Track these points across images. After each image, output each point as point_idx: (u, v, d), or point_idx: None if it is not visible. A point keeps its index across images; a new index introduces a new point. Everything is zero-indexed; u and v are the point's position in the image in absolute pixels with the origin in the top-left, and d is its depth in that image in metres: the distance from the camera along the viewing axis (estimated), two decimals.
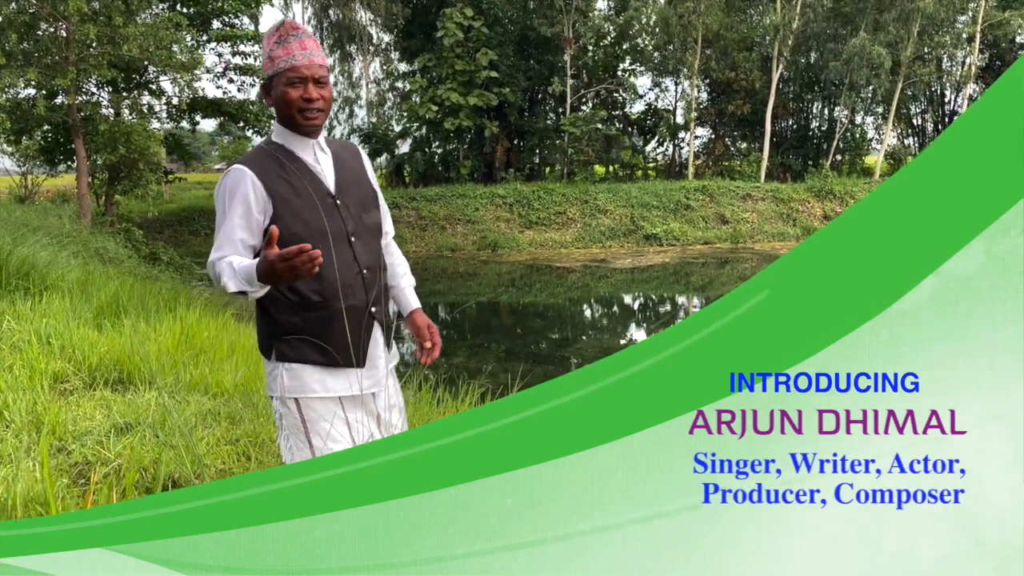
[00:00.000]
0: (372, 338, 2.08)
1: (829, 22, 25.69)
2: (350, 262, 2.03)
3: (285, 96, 1.96)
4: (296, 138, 2.03)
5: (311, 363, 2.01)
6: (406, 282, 2.29)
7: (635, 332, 13.77)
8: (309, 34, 2.03)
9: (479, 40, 24.20)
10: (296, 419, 2.02)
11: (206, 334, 4.82)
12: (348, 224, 2.04)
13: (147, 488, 2.70)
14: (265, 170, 1.98)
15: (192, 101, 18.84)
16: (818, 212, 24.06)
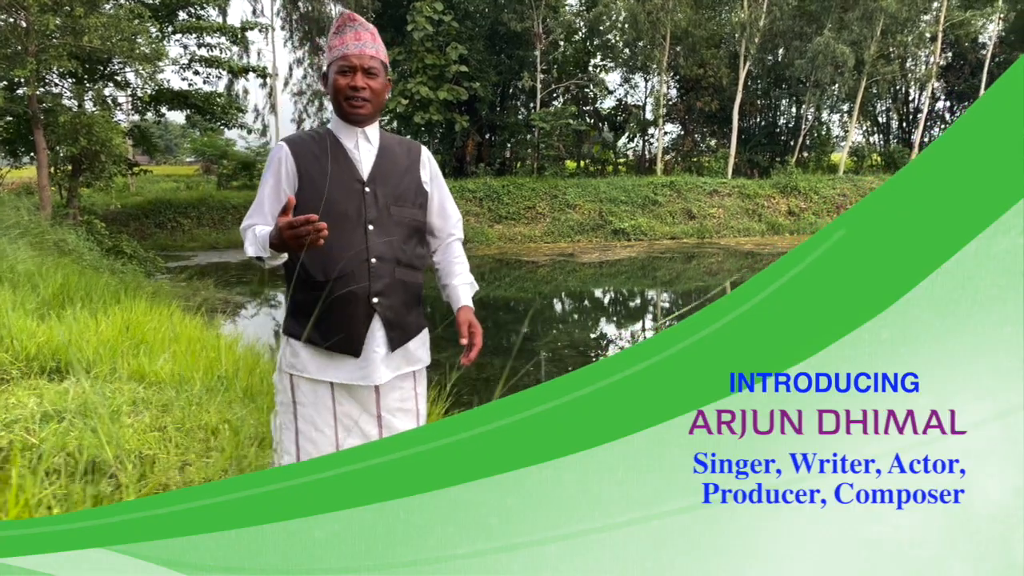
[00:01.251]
0: (370, 330, 2.07)
1: (795, 20, 26.04)
2: (360, 248, 2.04)
3: (335, 83, 2.03)
4: (343, 125, 2.08)
5: (309, 342, 2.05)
6: (460, 280, 2.27)
7: (605, 326, 13.91)
8: (367, 26, 2.08)
9: (449, 34, 24.20)
10: (288, 397, 2.08)
11: (150, 325, 4.87)
12: (369, 211, 2.06)
13: (70, 473, 2.78)
14: (302, 147, 2.06)
15: (157, 93, 18.70)
16: (783, 208, 24.40)
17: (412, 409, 2.19)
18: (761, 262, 19.18)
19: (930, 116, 31.48)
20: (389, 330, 2.09)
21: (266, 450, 3.06)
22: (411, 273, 2.15)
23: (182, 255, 20.52)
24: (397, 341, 2.12)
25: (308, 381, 2.06)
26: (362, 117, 2.06)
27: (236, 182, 26.90)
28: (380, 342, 2.08)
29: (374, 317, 2.07)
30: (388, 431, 2.11)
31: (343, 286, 2.02)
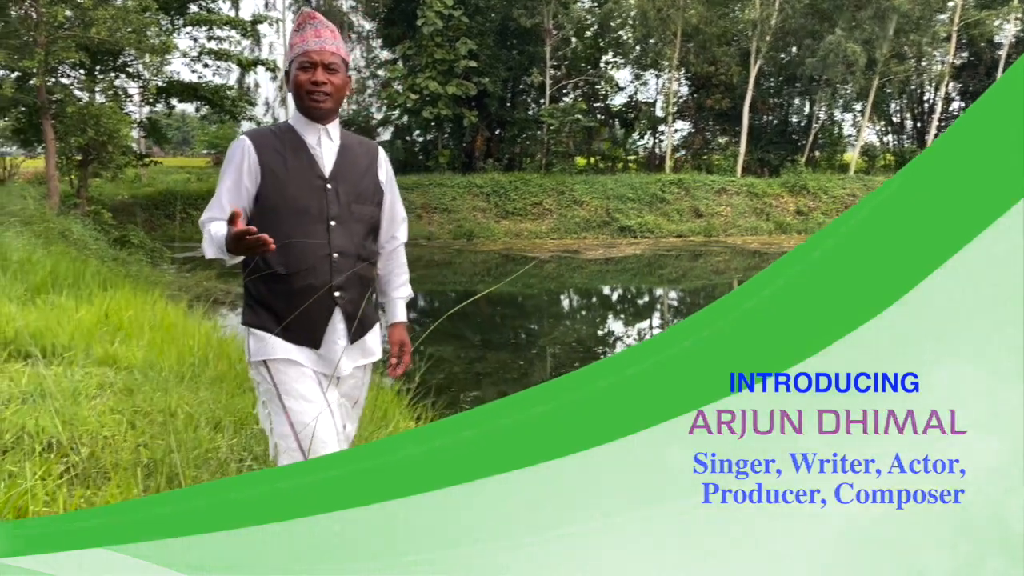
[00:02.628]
0: (331, 322, 2.11)
1: (807, 18, 25.87)
2: (322, 243, 2.07)
3: (296, 79, 2.06)
4: (305, 122, 2.11)
5: (270, 332, 2.08)
6: (398, 293, 2.36)
7: (611, 323, 13.91)
8: (326, 24, 2.11)
9: (459, 29, 24.24)
10: (269, 384, 2.08)
11: (130, 312, 4.96)
12: (331, 208, 2.09)
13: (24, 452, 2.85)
14: (264, 142, 2.09)
15: (167, 85, 18.88)
16: (791, 207, 24.28)
17: (357, 397, 2.27)
18: (767, 261, 19.05)
19: (944, 116, 31.20)
20: (349, 323, 2.14)
21: (220, 433, 3.14)
22: (368, 268, 2.22)
23: (190, 246, 20.70)
24: (357, 334, 2.17)
25: (283, 361, 2.09)
26: (323, 112, 2.08)
27: None
28: (341, 334, 2.13)
29: (335, 310, 2.11)
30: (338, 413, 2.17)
31: (304, 279, 2.06)
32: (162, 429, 3.09)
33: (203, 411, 3.26)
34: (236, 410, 3.41)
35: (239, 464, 2.89)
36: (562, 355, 9.74)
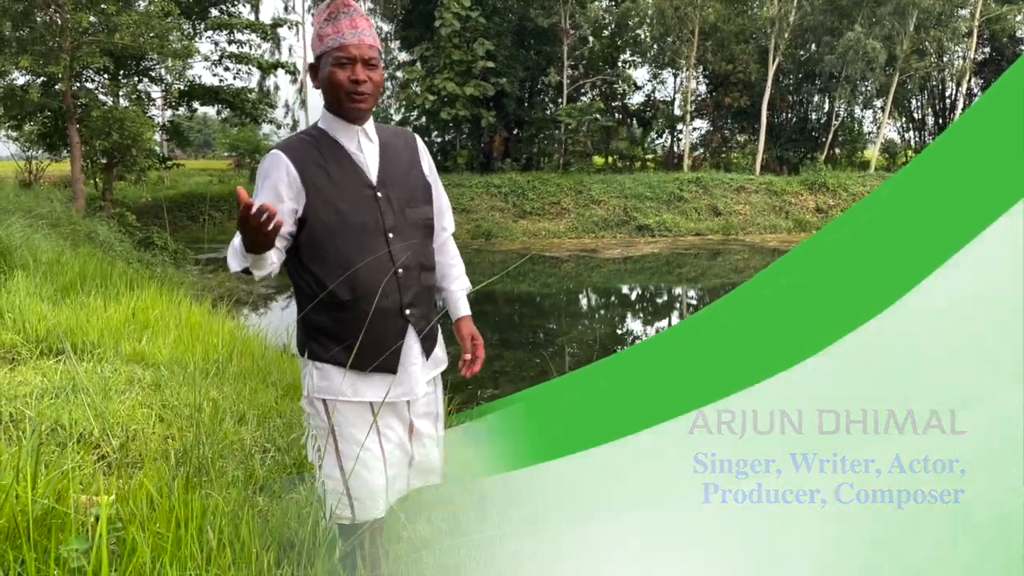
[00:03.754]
0: (405, 343, 1.94)
1: (826, 15, 25.71)
2: (385, 260, 1.88)
3: (332, 77, 1.83)
4: (341, 124, 1.90)
5: (340, 364, 1.89)
6: (457, 286, 2.15)
7: (630, 322, 13.94)
8: (362, 12, 1.89)
9: (476, 30, 24.36)
10: (323, 422, 1.93)
11: (156, 311, 5.11)
12: (387, 218, 1.90)
13: (60, 443, 2.97)
14: (303, 156, 1.86)
15: (189, 88, 19.17)
16: (811, 205, 24.16)
17: (434, 412, 2.09)
18: None
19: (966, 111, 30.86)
20: (423, 341, 1.99)
21: (244, 426, 3.25)
22: (431, 275, 2.04)
23: (213, 247, 20.99)
24: (430, 349, 2.03)
25: (345, 404, 1.92)
26: (363, 113, 1.88)
27: None
28: (417, 354, 1.97)
29: (408, 330, 1.95)
30: (417, 436, 2.03)
31: (374, 303, 1.86)
32: (189, 422, 3.21)
33: (228, 405, 3.38)
34: (259, 404, 3.52)
35: (263, 454, 3.00)
36: (580, 354, 9.79)
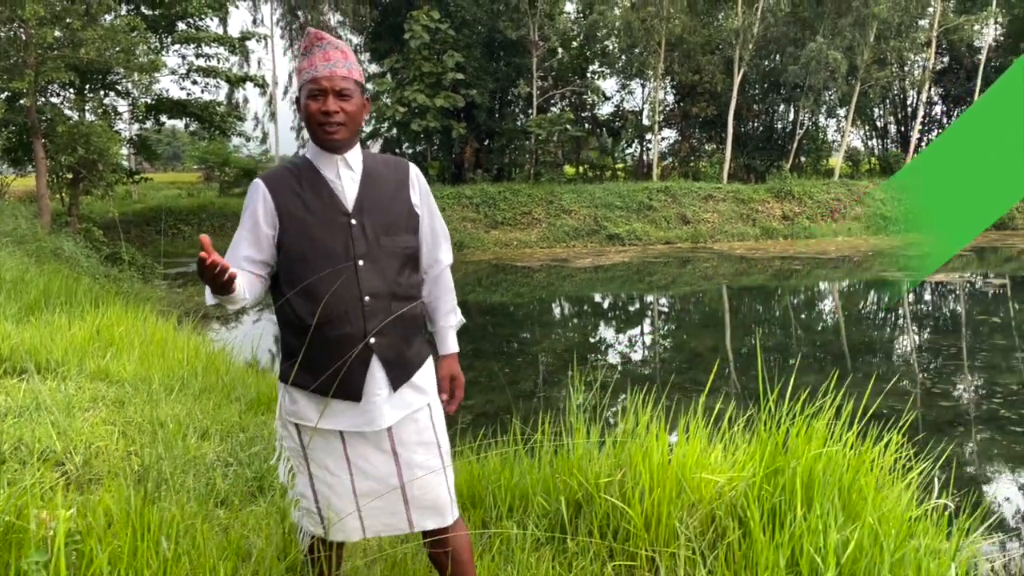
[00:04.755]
0: (369, 372, 1.92)
1: (789, 26, 26.22)
2: (351, 286, 1.89)
3: (307, 109, 1.89)
4: (321, 153, 1.94)
5: (305, 388, 1.92)
6: (446, 321, 2.15)
7: (603, 330, 14.06)
8: (336, 44, 1.93)
9: (446, 42, 24.52)
10: (296, 443, 1.96)
11: (121, 328, 5.13)
12: (358, 245, 1.91)
13: (22, 461, 3.02)
14: (280, 184, 1.92)
15: (156, 102, 19.06)
16: (777, 213, 24.56)
17: (432, 441, 2.02)
18: (754, 266, 19.34)
19: (927, 119, 31.58)
20: (390, 370, 1.95)
21: (207, 441, 3.31)
22: (408, 305, 2.01)
23: (182, 261, 20.86)
24: (400, 380, 1.97)
25: (314, 430, 1.94)
26: (337, 143, 1.91)
27: (237, 189, 27.28)
28: (381, 384, 1.94)
29: (372, 358, 1.93)
30: (407, 467, 1.97)
31: (336, 328, 1.89)
32: (152, 438, 3.26)
33: (191, 421, 3.43)
34: (222, 419, 3.58)
35: (225, 468, 3.06)
36: (553, 363, 9.89)
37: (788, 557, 2.04)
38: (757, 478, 2.26)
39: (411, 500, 1.98)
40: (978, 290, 15.24)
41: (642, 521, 2.21)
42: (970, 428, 6.81)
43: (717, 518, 2.24)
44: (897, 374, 8.81)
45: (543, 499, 2.47)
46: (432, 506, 2.01)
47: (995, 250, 20.94)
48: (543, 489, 2.51)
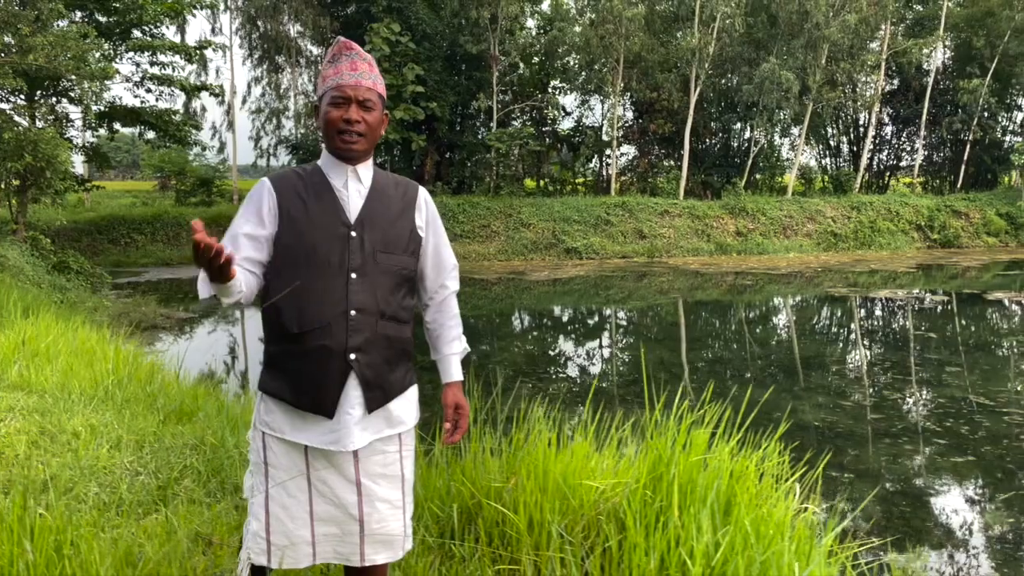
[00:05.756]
0: (345, 389, 1.88)
1: (744, 47, 26.79)
2: (339, 298, 1.85)
3: (327, 116, 1.88)
4: (334, 162, 1.93)
5: (280, 398, 1.90)
6: (451, 349, 2.11)
7: (562, 343, 14.17)
8: (364, 56, 1.93)
9: (406, 55, 24.62)
10: (260, 457, 1.93)
11: (49, 338, 5.10)
12: (353, 258, 1.88)
13: None
14: (285, 184, 1.91)
15: (109, 109, 18.83)
16: (731, 229, 25.00)
17: (396, 475, 1.99)
18: (709, 281, 19.66)
19: (877, 139, 32.43)
20: (367, 390, 1.90)
21: (121, 452, 3.33)
22: (396, 327, 1.96)
23: (133, 271, 20.57)
24: (376, 402, 1.93)
25: (281, 442, 1.91)
26: (355, 153, 1.90)
27: (194, 198, 26.98)
28: (355, 403, 1.89)
29: (350, 375, 1.89)
30: (368, 499, 1.93)
31: (317, 339, 1.85)
32: (64, 447, 3.26)
33: (106, 431, 3.44)
34: (138, 430, 3.59)
35: (133, 478, 3.08)
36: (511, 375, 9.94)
37: (658, 561, 2.14)
38: (640, 484, 2.36)
39: (368, 534, 1.95)
40: (924, 306, 15.68)
41: (525, 526, 2.29)
42: (894, 439, 7.03)
43: (600, 523, 2.33)
44: (838, 386, 9.05)
45: (436, 506, 2.55)
46: (386, 540, 1.98)
47: (941, 268, 21.52)
48: (438, 496, 2.58)
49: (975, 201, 27.40)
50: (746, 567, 2.18)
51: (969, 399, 8.29)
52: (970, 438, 6.97)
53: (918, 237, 26.22)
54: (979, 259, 23.29)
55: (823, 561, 2.26)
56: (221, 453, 3.35)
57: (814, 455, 3.25)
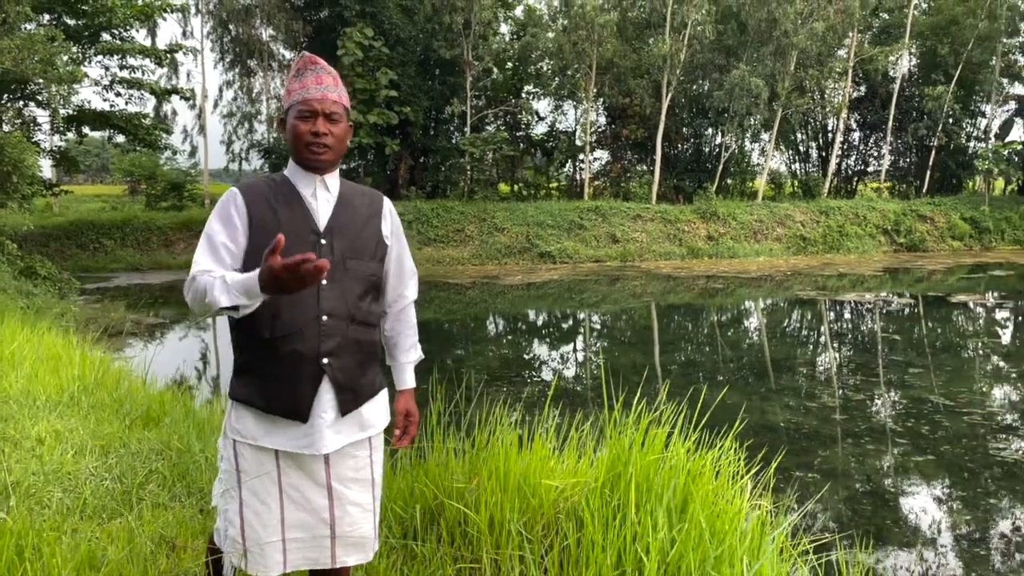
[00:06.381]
0: (318, 393, 1.92)
1: (714, 53, 27.12)
2: (311, 304, 1.89)
3: (294, 129, 1.93)
4: (301, 173, 1.97)
5: (253, 404, 1.92)
6: (406, 357, 2.18)
7: (536, 347, 14.22)
8: (329, 70, 1.98)
9: (379, 60, 24.60)
10: (231, 465, 1.94)
11: (14, 344, 5.06)
12: None
13: None
14: (254, 193, 1.94)
15: (78, 113, 18.62)
16: (702, 233, 25.27)
17: (367, 478, 2.04)
18: (681, 285, 19.84)
19: (844, 144, 32.96)
20: (340, 393, 1.95)
21: (86, 457, 3.32)
22: (366, 331, 2.01)
23: (103, 276, 20.33)
24: (348, 405, 1.97)
25: (252, 448, 1.93)
26: (323, 164, 1.95)
27: (165, 203, 26.69)
28: (328, 406, 1.93)
29: (323, 379, 1.93)
30: (339, 502, 1.97)
31: (290, 345, 1.88)
32: (28, 454, 3.25)
33: (71, 436, 3.44)
34: (104, 435, 3.58)
35: (98, 483, 3.08)
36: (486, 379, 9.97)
37: (615, 557, 2.20)
38: (598, 483, 2.42)
39: (339, 536, 1.98)
40: (890, 309, 15.96)
41: (487, 525, 2.33)
42: (858, 440, 7.17)
43: (559, 521, 2.39)
44: (807, 387, 9.21)
45: (399, 507, 2.59)
46: (358, 543, 2.02)
47: (907, 271, 21.91)
48: (401, 498, 2.63)
49: (940, 206, 27.94)
50: (700, 562, 2.24)
51: (932, 400, 8.47)
52: (931, 438, 7.13)
53: (885, 241, 26.67)
54: (944, 262, 23.75)
55: (774, 557, 2.33)
56: (187, 458, 3.36)
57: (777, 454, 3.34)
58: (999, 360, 11.06)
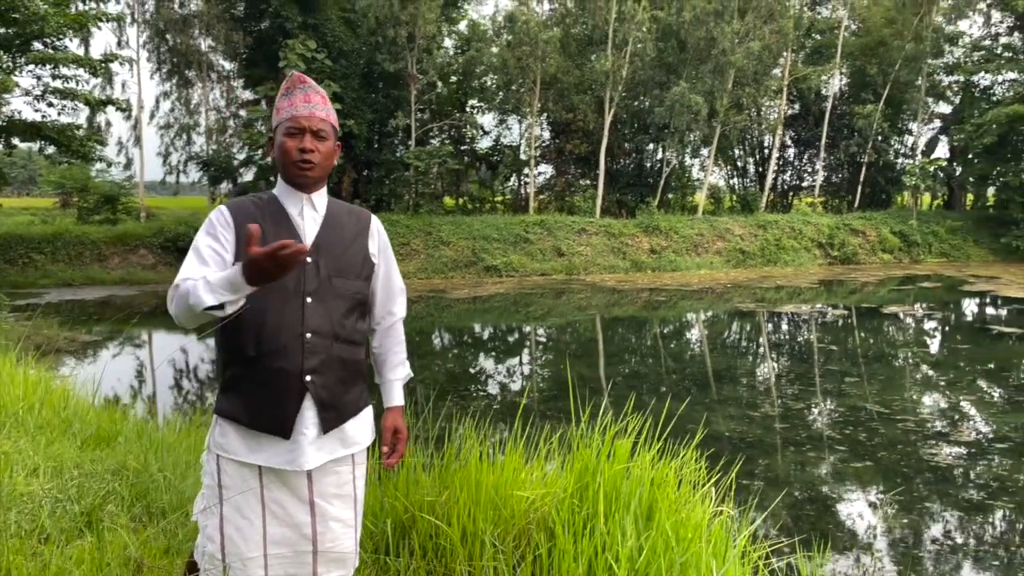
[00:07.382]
0: (301, 410, 1.93)
1: (655, 71, 27.72)
2: (295, 322, 1.91)
3: (282, 146, 1.96)
4: (289, 191, 1.99)
5: (238, 421, 1.94)
6: (394, 375, 2.20)
7: (483, 360, 14.21)
8: (317, 89, 2.01)
9: (323, 72, 24.40)
10: (214, 480, 1.95)
11: None
12: (308, 282, 1.94)
13: None
14: (244, 212, 1.95)
15: (7, 123, 17.97)
16: (645, 246, 25.72)
17: (349, 494, 2.05)
18: (625, 297, 20.13)
19: (780, 160, 33.99)
20: (322, 410, 1.96)
21: (39, 479, 3.23)
22: (350, 349, 2.02)
23: (33, 292, 19.61)
24: (331, 423, 1.98)
25: (235, 464, 1.94)
26: (310, 181, 1.98)
27: (98, 216, 25.88)
28: (310, 423, 1.95)
29: (306, 396, 1.94)
30: (321, 518, 1.98)
31: (274, 362, 1.90)
32: None
33: (21, 458, 3.34)
34: (55, 456, 3.49)
35: (54, 504, 3.00)
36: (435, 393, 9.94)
37: (586, 566, 2.26)
38: (567, 493, 2.48)
39: (321, 552, 1.98)
40: (826, 320, 16.48)
41: (459, 538, 2.37)
42: (799, 447, 7.40)
43: (530, 532, 2.44)
44: (748, 397, 9.45)
45: (369, 522, 2.60)
46: (339, 558, 2.02)
47: (841, 283, 22.66)
48: (371, 512, 2.64)
49: (871, 220, 29.02)
50: (668, 568, 2.32)
51: (867, 408, 8.80)
52: (868, 445, 7.41)
53: (820, 254, 27.55)
54: (875, 275, 24.65)
55: (737, 561, 2.42)
56: (145, 478, 3.30)
57: (728, 462, 3.45)
58: (928, 369, 11.55)
